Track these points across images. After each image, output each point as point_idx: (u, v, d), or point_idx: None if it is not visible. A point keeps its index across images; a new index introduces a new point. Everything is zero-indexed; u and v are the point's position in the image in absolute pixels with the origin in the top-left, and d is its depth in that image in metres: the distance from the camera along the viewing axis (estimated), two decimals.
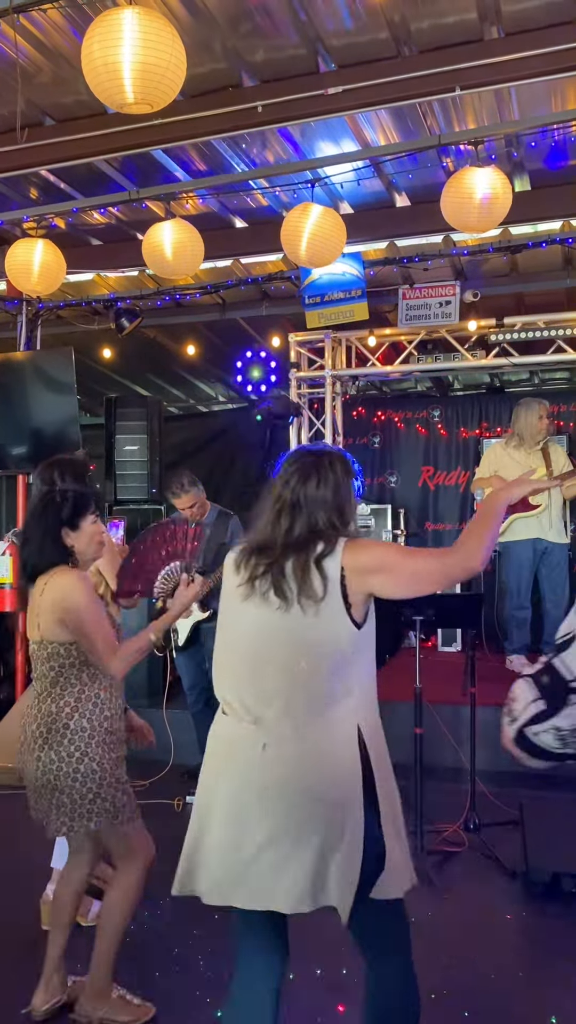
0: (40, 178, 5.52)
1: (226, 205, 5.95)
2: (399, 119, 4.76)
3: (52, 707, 2.62)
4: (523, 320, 6.73)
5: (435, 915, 3.54)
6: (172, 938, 3.45)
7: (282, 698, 2.04)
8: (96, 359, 8.27)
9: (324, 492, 2.13)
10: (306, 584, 2.03)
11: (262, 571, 2.10)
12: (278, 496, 2.17)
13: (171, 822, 4.74)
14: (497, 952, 3.32)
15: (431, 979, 3.08)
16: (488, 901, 3.73)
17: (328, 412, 7.43)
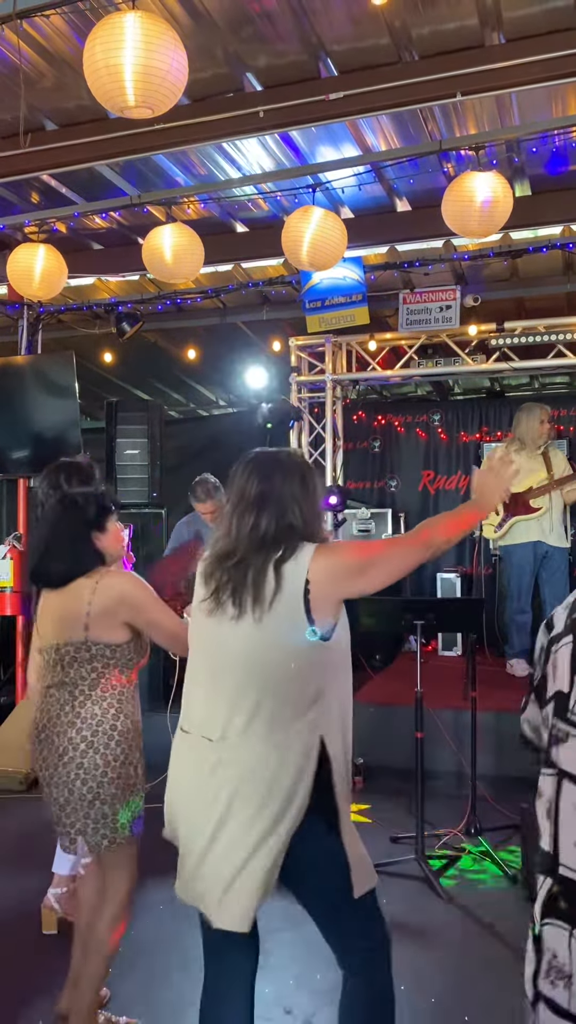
0: (42, 183, 5.54)
1: (227, 210, 5.97)
2: (400, 124, 4.77)
3: (96, 709, 2.54)
4: (524, 324, 6.74)
5: (436, 920, 3.53)
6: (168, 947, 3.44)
7: (240, 715, 1.99)
8: (97, 363, 8.27)
9: (291, 488, 2.07)
10: (260, 589, 1.98)
11: (225, 579, 2.05)
12: (240, 494, 2.09)
13: None
14: (498, 957, 3.31)
15: (431, 984, 3.08)
16: (489, 905, 3.72)
17: (328, 416, 7.44)
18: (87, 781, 2.50)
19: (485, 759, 4.60)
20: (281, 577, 1.98)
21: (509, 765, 5.13)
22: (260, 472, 2.10)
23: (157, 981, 3.15)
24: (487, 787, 4.60)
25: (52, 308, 6.93)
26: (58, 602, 2.62)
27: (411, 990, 3.00)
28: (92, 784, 2.50)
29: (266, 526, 2.04)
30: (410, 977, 3.09)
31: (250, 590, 2.00)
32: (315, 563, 1.98)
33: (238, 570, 2.03)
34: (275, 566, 1.99)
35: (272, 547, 2.02)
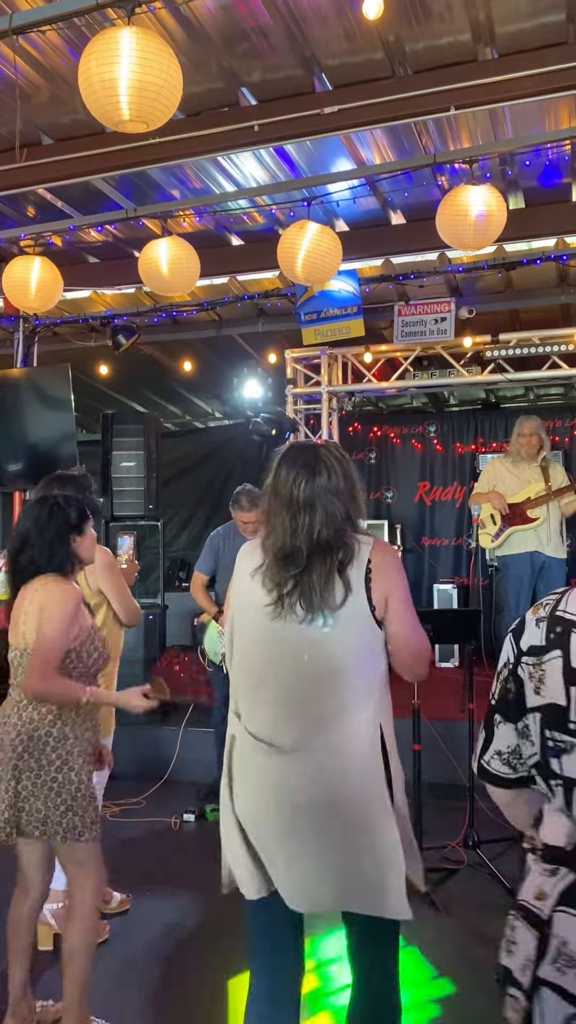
0: (38, 196, 5.56)
1: (222, 223, 5.99)
2: (394, 138, 4.80)
3: (34, 715, 2.60)
4: (518, 336, 6.77)
5: (435, 933, 3.51)
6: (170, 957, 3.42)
7: (311, 717, 2.01)
8: (93, 376, 8.30)
9: (336, 482, 2.04)
10: (328, 593, 1.98)
11: (292, 585, 2.02)
12: (289, 497, 2.04)
13: (170, 840, 4.73)
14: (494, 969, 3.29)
15: (430, 999, 3.06)
16: (488, 919, 3.70)
17: (324, 428, 7.46)
18: (21, 779, 2.56)
19: None
20: (348, 580, 2.00)
21: None
22: (306, 471, 2.05)
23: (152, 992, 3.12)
24: (485, 799, 4.57)
25: (48, 321, 6.94)
26: (18, 604, 2.69)
27: (410, 1005, 2.98)
28: (26, 783, 2.56)
29: (322, 531, 2.01)
30: (409, 991, 3.07)
31: (319, 594, 1.99)
32: (374, 554, 2.03)
33: (305, 573, 2.01)
34: (339, 569, 2.00)
35: (332, 549, 2.01)
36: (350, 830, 1.99)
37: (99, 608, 3.40)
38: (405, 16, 3.83)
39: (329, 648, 2.01)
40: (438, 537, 8.82)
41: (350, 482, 2.08)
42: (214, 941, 3.54)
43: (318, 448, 2.14)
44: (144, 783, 5.33)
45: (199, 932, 3.63)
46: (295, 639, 2.02)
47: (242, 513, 5.18)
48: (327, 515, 2.01)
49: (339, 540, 2.01)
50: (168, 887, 4.06)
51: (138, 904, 3.86)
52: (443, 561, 8.70)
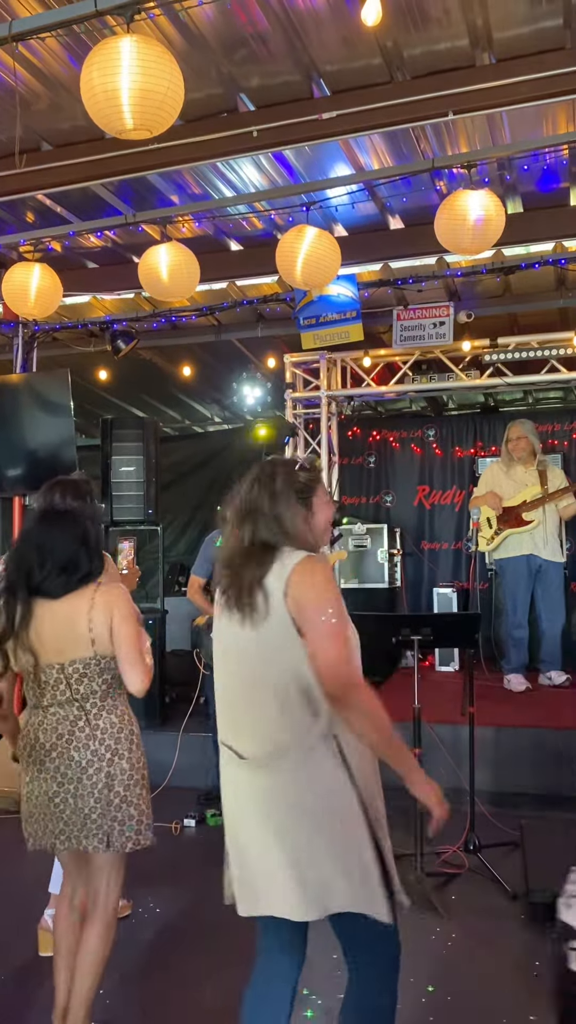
0: (37, 202, 5.57)
1: (221, 228, 6.00)
2: (392, 143, 4.82)
3: (112, 718, 2.61)
4: (517, 340, 6.79)
5: (435, 937, 3.51)
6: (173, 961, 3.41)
7: (259, 727, 2.07)
8: (92, 381, 8.30)
9: (261, 500, 2.14)
10: (251, 600, 2.05)
11: (226, 586, 2.14)
12: (235, 506, 2.20)
13: (170, 846, 4.72)
14: (499, 975, 3.29)
15: (431, 1002, 3.05)
16: (489, 923, 3.70)
17: (324, 432, 7.47)
18: (114, 787, 2.57)
19: (483, 775, 4.59)
20: (265, 587, 2.05)
21: (507, 781, 5.12)
22: (250, 482, 2.19)
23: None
24: (486, 803, 4.59)
25: (47, 326, 6.95)
26: (55, 618, 2.60)
27: (409, 1009, 2.98)
28: (119, 788, 2.58)
29: (251, 541, 2.12)
30: (409, 995, 3.07)
31: (243, 598, 2.07)
32: (293, 576, 2.03)
33: (235, 576, 2.12)
34: (259, 578, 2.06)
35: (259, 558, 2.09)
36: (289, 842, 2.03)
37: None
38: (403, 22, 3.85)
39: (257, 654, 2.08)
40: (438, 541, 8.82)
41: (276, 505, 2.13)
42: (216, 946, 3.53)
43: (268, 463, 2.25)
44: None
45: (201, 937, 3.63)
46: (233, 640, 2.13)
47: None
48: (259, 525, 2.12)
49: (266, 550, 2.09)
50: (169, 892, 4.06)
51: (139, 909, 3.86)
52: (443, 565, 8.71)
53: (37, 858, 2.81)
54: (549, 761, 5.20)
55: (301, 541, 2.13)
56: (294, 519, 2.13)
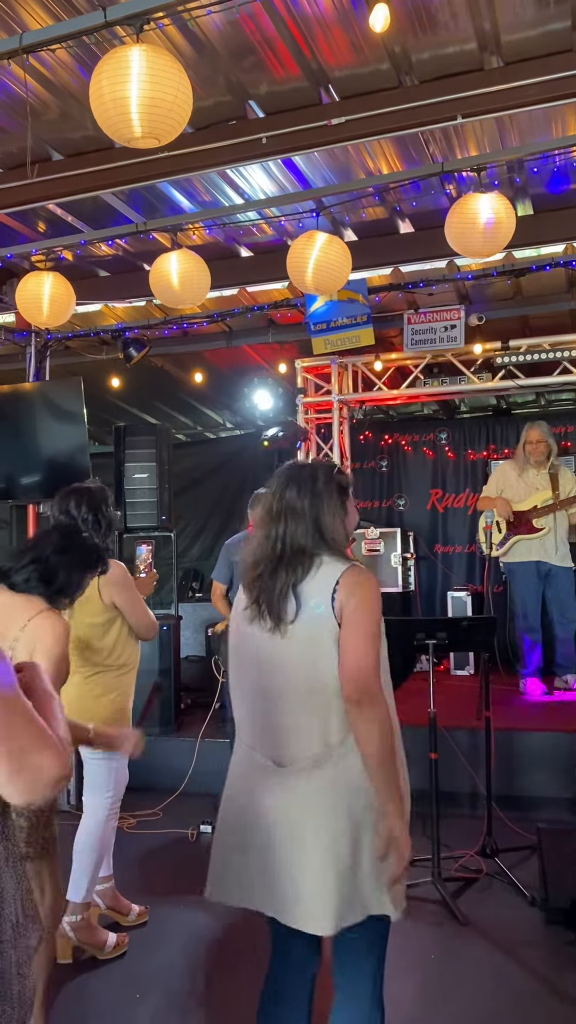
0: (48, 212, 5.60)
1: (231, 235, 6.02)
2: (402, 147, 4.82)
3: None
4: (528, 343, 6.77)
5: (454, 943, 3.50)
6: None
7: (301, 734, 2.05)
8: (104, 388, 8.33)
9: (300, 502, 2.11)
10: (284, 607, 2.04)
11: (258, 592, 2.11)
12: (268, 507, 2.16)
13: (186, 851, 4.73)
14: (517, 980, 3.27)
15: (449, 1008, 3.04)
16: (507, 928, 3.68)
17: (335, 437, 7.47)
18: None
19: (500, 779, 4.57)
20: (301, 596, 2.04)
21: (524, 784, 5.10)
22: (284, 485, 2.15)
23: None
24: (503, 808, 4.57)
25: (60, 335, 6.98)
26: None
27: (430, 1014, 2.97)
28: None
29: (285, 546, 2.09)
30: (429, 1000, 3.05)
31: (276, 604, 2.06)
32: (346, 576, 2.03)
33: (267, 583, 2.09)
34: (293, 585, 2.05)
35: (293, 563, 2.07)
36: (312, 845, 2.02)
37: (113, 623, 3.41)
38: (411, 26, 3.85)
39: (293, 662, 2.05)
40: (451, 544, 8.81)
41: (317, 508, 2.11)
42: (233, 953, 3.53)
43: (306, 465, 2.23)
44: (160, 795, 5.33)
45: (218, 944, 3.63)
46: (261, 649, 2.10)
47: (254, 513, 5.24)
48: (296, 529, 2.09)
49: (301, 556, 2.07)
50: (186, 899, 4.05)
51: (156, 916, 3.87)
52: (456, 568, 8.69)
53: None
54: (566, 765, 5.18)
55: (337, 546, 2.11)
56: (333, 523, 2.11)
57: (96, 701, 3.34)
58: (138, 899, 3.88)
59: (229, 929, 3.74)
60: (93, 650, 3.39)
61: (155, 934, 3.71)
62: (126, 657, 3.45)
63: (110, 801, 3.53)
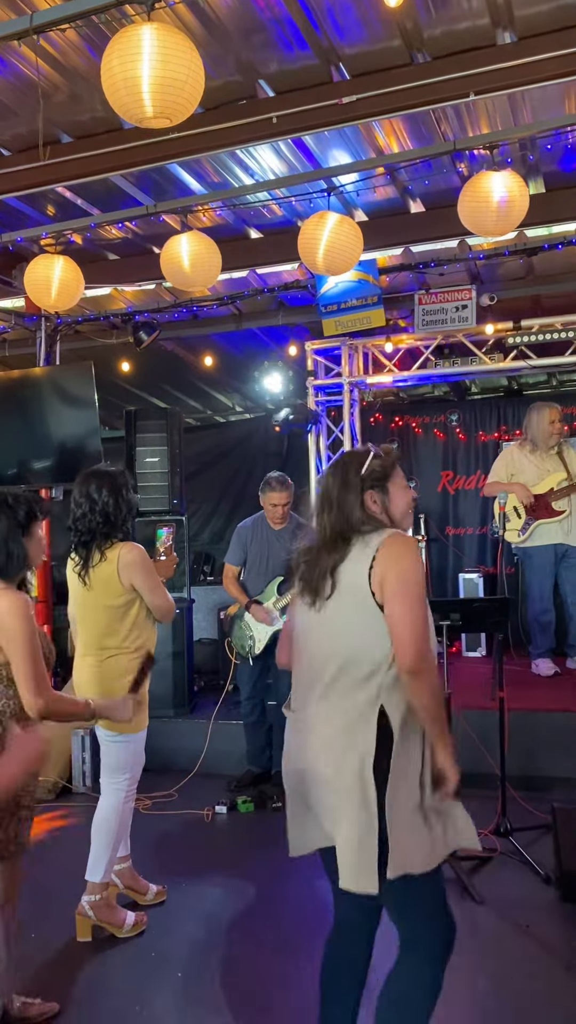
0: (57, 195, 5.58)
1: (241, 216, 5.99)
2: (413, 125, 4.77)
3: None
4: (540, 322, 6.72)
5: (471, 922, 3.52)
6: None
7: (315, 687, 2.21)
8: (113, 372, 8.32)
9: (333, 491, 2.26)
10: (323, 584, 2.20)
11: (304, 569, 2.28)
12: (319, 495, 2.32)
13: (203, 832, 4.76)
14: (534, 956, 3.30)
15: (466, 985, 3.06)
16: (522, 905, 3.70)
17: (346, 419, 7.44)
18: None
19: (513, 759, 4.58)
20: (338, 575, 2.17)
21: (537, 765, 5.11)
22: (332, 470, 2.33)
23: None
24: (516, 788, 4.58)
25: (69, 319, 6.98)
26: None
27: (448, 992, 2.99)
28: None
29: (329, 531, 2.25)
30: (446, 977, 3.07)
31: (316, 584, 2.22)
32: (384, 545, 2.13)
33: (312, 564, 2.25)
34: (334, 566, 2.19)
35: (332, 546, 2.22)
36: (319, 799, 2.17)
37: (132, 605, 3.42)
38: (423, 2, 3.81)
39: (323, 631, 2.20)
40: (462, 526, 8.79)
41: (348, 488, 2.24)
42: (253, 931, 3.56)
43: (348, 452, 2.40)
44: (175, 776, 5.36)
45: (237, 923, 3.66)
46: (304, 622, 2.27)
47: (272, 494, 5.24)
48: (332, 516, 2.24)
49: (340, 540, 2.21)
50: (203, 878, 4.09)
51: (174, 895, 3.90)
52: (468, 550, 8.67)
53: (72, 846, 2.83)
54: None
55: (372, 530, 2.21)
56: (353, 508, 2.22)
57: (112, 684, 3.35)
58: (155, 879, 3.91)
59: (247, 908, 3.77)
60: (111, 632, 3.41)
61: (173, 913, 3.74)
62: (143, 640, 3.47)
63: (127, 783, 3.55)
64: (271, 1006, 2.94)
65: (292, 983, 2.34)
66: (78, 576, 3.46)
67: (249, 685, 5.39)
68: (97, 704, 2.62)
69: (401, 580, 2.10)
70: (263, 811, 4.97)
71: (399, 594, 2.09)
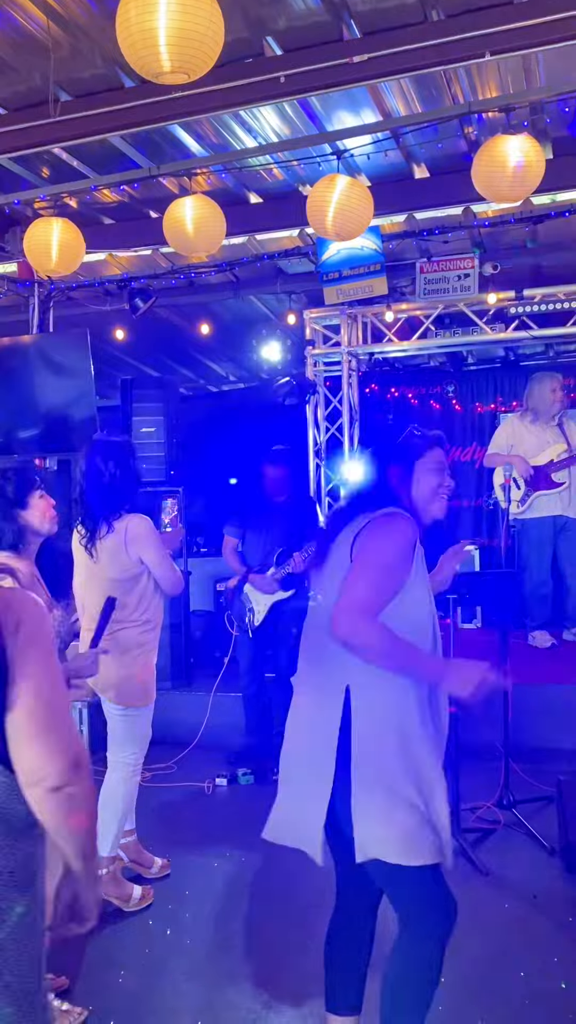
0: (52, 156, 5.41)
1: (241, 180, 5.84)
2: (422, 87, 4.64)
3: None
4: (542, 292, 6.63)
5: (476, 894, 3.53)
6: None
7: (305, 661, 2.26)
8: (106, 340, 8.17)
9: (368, 459, 2.29)
10: (324, 553, 2.22)
11: (319, 538, 2.35)
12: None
13: (204, 804, 4.76)
14: (539, 926, 3.31)
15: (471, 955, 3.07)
16: (527, 877, 3.72)
17: (344, 389, 7.35)
18: None
19: (517, 732, 4.58)
20: (338, 542, 2.18)
21: (539, 737, 5.13)
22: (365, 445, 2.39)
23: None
24: (519, 760, 4.59)
25: (63, 285, 6.82)
26: None
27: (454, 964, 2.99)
28: None
29: (351, 498, 2.34)
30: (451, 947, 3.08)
31: (320, 549, 2.28)
32: (371, 523, 2.11)
33: (324, 534, 2.30)
34: (336, 534, 2.22)
35: (348, 516, 2.22)
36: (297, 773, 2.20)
37: (140, 578, 3.37)
38: None
39: (323, 605, 2.18)
40: (457, 498, 8.74)
41: (372, 462, 2.26)
42: (257, 902, 3.56)
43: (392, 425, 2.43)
44: (174, 748, 5.34)
45: (243, 892, 3.66)
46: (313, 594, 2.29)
47: (272, 465, 5.22)
48: (363, 483, 2.26)
49: (356, 509, 2.18)
50: (207, 850, 4.09)
51: (178, 867, 3.89)
52: (463, 523, 8.65)
53: None
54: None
55: (393, 504, 2.17)
56: (374, 479, 2.22)
57: (120, 658, 3.30)
58: (158, 852, 3.90)
59: (253, 878, 3.77)
60: (118, 606, 3.35)
61: (178, 885, 3.74)
62: (151, 613, 3.42)
63: (134, 757, 3.52)
64: (284, 971, 2.94)
65: (305, 949, 2.33)
66: (84, 549, 3.39)
67: (248, 657, 5.36)
68: (64, 667, 2.51)
69: (364, 551, 2.06)
70: (263, 783, 4.96)
71: (357, 564, 2.05)
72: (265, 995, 2.85)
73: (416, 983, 2.15)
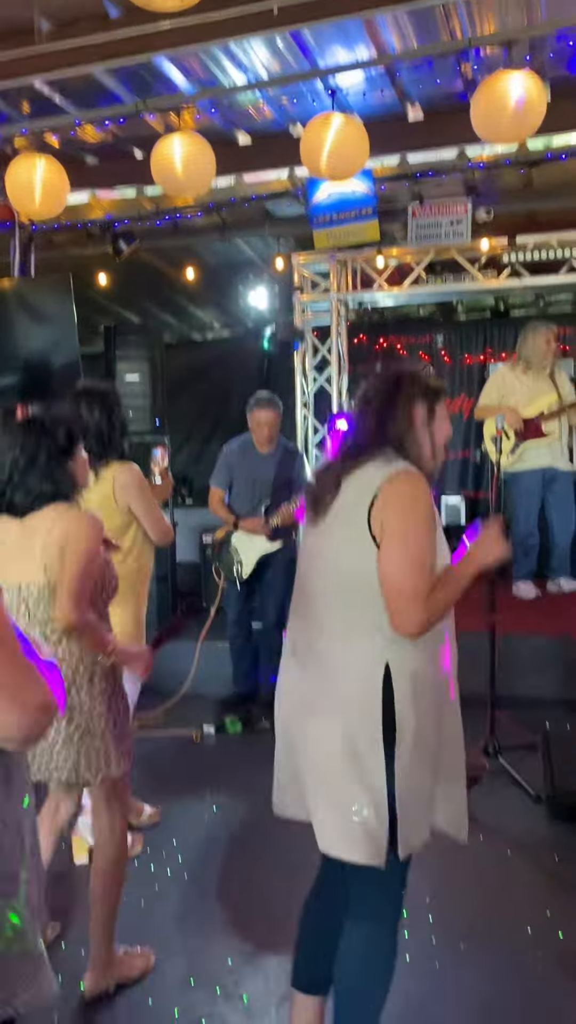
0: (32, 90, 5.18)
1: (229, 118, 5.63)
2: (419, 21, 4.45)
3: (73, 647, 2.44)
4: (536, 239, 6.51)
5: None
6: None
7: (313, 626, 2.06)
8: (87, 285, 7.97)
9: (375, 401, 2.09)
10: (324, 495, 2.05)
11: (313, 483, 2.15)
12: (355, 401, 2.22)
13: (191, 753, 4.78)
14: (524, 872, 3.37)
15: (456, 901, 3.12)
16: (513, 824, 3.77)
17: (333, 338, 7.23)
18: (74, 718, 2.42)
19: (504, 680, 4.62)
20: (341, 488, 2.01)
21: (524, 685, 5.18)
22: (368, 380, 2.17)
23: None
24: (506, 707, 4.64)
25: (45, 226, 6.61)
26: (15, 536, 2.42)
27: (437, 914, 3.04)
28: (80, 721, 2.43)
29: (354, 438, 2.10)
30: (435, 894, 3.13)
31: (324, 506, 2.05)
32: (387, 485, 1.93)
33: (325, 486, 2.07)
34: (340, 479, 2.02)
35: (350, 457, 2.05)
36: (315, 761, 2.03)
37: (128, 528, 3.31)
38: None
39: (328, 564, 2.03)
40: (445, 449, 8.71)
41: (393, 400, 2.04)
42: (246, 852, 3.59)
43: (410, 364, 2.26)
44: (161, 697, 5.35)
45: (233, 840, 3.69)
46: (310, 548, 2.12)
47: (259, 412, 5.12)
48: (375, 419, 2.04)
49: (363, 451, 2.01)
50: (196, 799, 4.11)
51: (167, 816, 3.91)
52: (450, 474, 8.62)
53: None
54: (566, 667, 5.25)
55: (410, 451, 2.02)
56: (394, 416, 2.02)
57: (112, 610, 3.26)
58: (148, 800, 3.92)
59: (241, 826, 3.80)
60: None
61: (168, 834, 3.76)
62: (142, 563, 3.38)
63: None
64: (274, 917, 2.97)
65: (293, 895, 2.34)
66: None
67: (236, 608, 5.35)
68: (117, 647, 2.51)
69: (396, 530, 1.90)
70: (251, 731, 4.99)
71: (390, 544, 1.90)
72: (249, 945, 2.88)
73: (364, 963, 2.11)
